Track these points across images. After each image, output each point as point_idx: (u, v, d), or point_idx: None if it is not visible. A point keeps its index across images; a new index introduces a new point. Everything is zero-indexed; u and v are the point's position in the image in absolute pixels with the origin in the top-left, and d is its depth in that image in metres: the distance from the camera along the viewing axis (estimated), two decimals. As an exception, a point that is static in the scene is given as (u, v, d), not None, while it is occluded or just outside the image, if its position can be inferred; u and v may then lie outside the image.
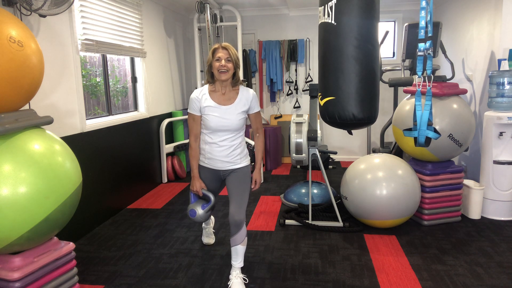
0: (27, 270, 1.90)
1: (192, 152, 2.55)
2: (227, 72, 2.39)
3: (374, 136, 5.73)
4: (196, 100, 2.46)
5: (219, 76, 2.39)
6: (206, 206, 2.57)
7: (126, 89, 4.46)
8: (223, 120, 2.45)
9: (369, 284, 2.50)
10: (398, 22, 5.70)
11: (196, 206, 2.58)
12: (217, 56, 2.39)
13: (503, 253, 2.87)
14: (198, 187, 2.56)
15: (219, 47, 2.42)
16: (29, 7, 2.51)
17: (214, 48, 2.42)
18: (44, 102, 2.91)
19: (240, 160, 2.57)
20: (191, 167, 2.57)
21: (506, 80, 3.41)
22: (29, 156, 1.81)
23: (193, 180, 2.57)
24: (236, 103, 2.48)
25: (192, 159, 2.56)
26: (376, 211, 3.15)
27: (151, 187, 4.66)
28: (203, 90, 2.49)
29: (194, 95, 2.48)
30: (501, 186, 3.49)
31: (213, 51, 2.42)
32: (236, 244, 2.46)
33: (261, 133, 2.67)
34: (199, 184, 2.56)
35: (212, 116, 2.44)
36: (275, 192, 4.47)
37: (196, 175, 2.56)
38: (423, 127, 2.74)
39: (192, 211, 2.57)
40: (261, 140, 2.66)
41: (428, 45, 2.66)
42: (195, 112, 2.48)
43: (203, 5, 4.85)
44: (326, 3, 2.80)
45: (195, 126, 2.51)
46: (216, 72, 2.40)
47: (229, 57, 2.39)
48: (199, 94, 2.47)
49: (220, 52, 2.40)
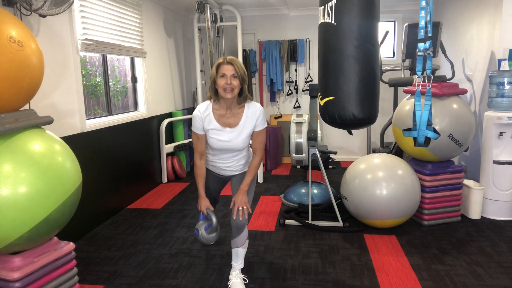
0: (27, 270, 1.90)
1: (198, 170, 2.43)
2: (232, 90, 2.19)
3: (374, 136, 5.73)
4: (200, 119, 2.30)
5: (224, 95, 2.19)
6: (208, 228, 2.51)
7: (126, 89, 4.46)
8: (227, 143, 2.35)
9: (369, 284, 2.50)
10: (398, 22, 5.70)
11: (201, 226, 2.51)
12: (222, 72, 2.18)
13: (503, 253, 2.87)
14: (203, 207, 2.46)
15: (223, 61, 2.20)
16: (29, 7, 2.51)
17: (218, 63, 2.21)
18: (44, 102, 2.91)
19: (245, 166, 2.56)
20: (197, 185, 2.46)
21: (506, 80, 3.41)
22: (29, 156, 1.81)
23: (199, 199, 2.48)
24: (241, 125, 2.32)
25: (198, 177, 2.44)
26: (376, 211, 3.15)
27: (151, 187, 4.66)
28: (206, 110, 2.30)
29: (197, 114, 2.30)
30: (501, 186, 3.49)
31: (217, 66, 2.21)
32: (237, 247, 2.45)
33: (259, 154, 2.43)
34: (204, 203, 2.46)
35: (215, 140, 2.33)
36: (275, 192, 4.47)
37: (202, 194, 2.45)
38: (423, 127, 2.74)
39: (196, 231, 2.52)
40: (257, 161, 2.43)
41: (428, 45, 2.66)
42: (199, 132, 2.33)
43: (203, 5, 4.85)
44: (326, 3, 2.80)
45: (200, 145, 2.36)
46: (221, 91, 2.20)
47: (235, 73, 2.18)
48: (202, 114, 2.30)
49: (225, 67, 2.18)
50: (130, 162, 4.15)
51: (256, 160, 2.43)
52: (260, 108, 2.36)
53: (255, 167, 2.44)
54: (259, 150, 2.42)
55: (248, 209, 2.37)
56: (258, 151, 2.43)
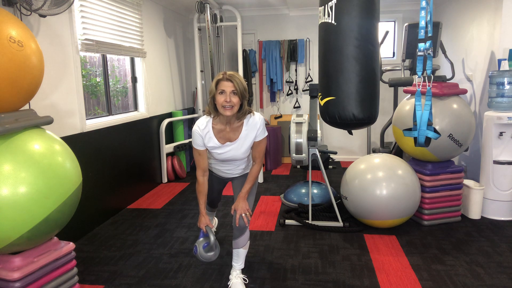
0: (27, 270, 1.90)
1: (200, 187, 2.36)
2: (232, 108, 2.15)
3: (374, 136, 5.73)
4: (199, 136, 2.26)
5: (224, 112, 2.15)
6: (206, 247, 2.40)
7: (126, 89, 4.45)
8: (228, 155, 2.34)
9: (369, 284, 2.50)
10: (398, 22, 5.70)
11: (200, 244, 2.40)
12: (221, 88, 2.14)
13: (503, 253, 2.87)
14: (203, 224, 2.37)
15: (223, 77, 2.15)
16: (29, 7, 2.51)
17: (218, 79, 2.16)
18: (44, 102, 2.91)
19: (245, 169, 2.56)
20: (198, 201, 2.39)
21: (506, 80, 3.41)
22: (29, 156, 1.81)
23: (199, 216, 2.38)
24: (241, 138, 2.30)
25: (200, 194, 2.37)
26: (376, 211, 3.15)
27: (151, 187, 4.66)
28: (206, 127, 2.26)
29: (197, 130, 2.26)
30: (501, 186, 3.49)
31: (217, 82, 2.16)
32: (238, 247, 2.45)
33: (259, 163, 2.41)
34: (204, 221, 2.37)
35: (216, 153, 2.33)
36: (275, 192, 4.47)
37: (203, 211, 2.37)
38: (423, 127, 2.74)
39: (195, 248, 2.40)
40: (257, 169, 2.42)
41: (428, 45, 2.66)
42: (200, 148, 2.29)
43: (203, 5, 4.85)
44: (326, 3, 2.80)
45: (202, 161, 2.31)
46: (220, 108, 2.16)
47: (235, 89, 2.13)
48: (202, 132, 2.26)
49: (225, 84, 2.13)
50: (130, 162, 4.15)
51: (256, 168, 2.43)
52: (260, 119, 2.33)
53: (255, 175, 2.43)
54: (258, 158, 2.41)
55: (250, 213, 2.37)
56: (258, 159, 2.41)
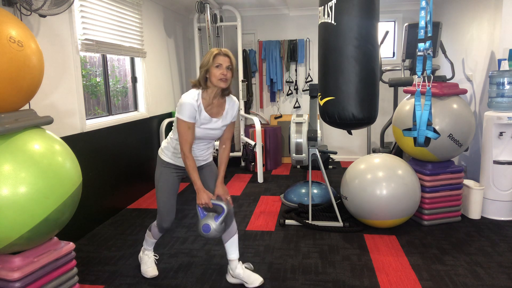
0: (27, 270, 1.90)
1: (191, 162, 2.28)
2: (226, 81, 2.23)
3: (374, 136, 5.73)
4: (193, 107, 2.22)
5: (218, 84, 2.22)
6: (220, 217, 2.27)
7: (126, 89, 4.46)
8: (210, 132, 2.35)
9: (369, 284, 2.50)
10: (398, 22, 5.70)
11: (208, 220, 2.28)
12: (218, 62, 2.22)
13: (503, 253, 2.87)
14: (207, 199, 2.29)
15: (220, 52, 2.24)
16: (29, 7, 2.51)
17: (215, 54, 2.23)
18: (44, 102, 2.91)
19: (210, 156, 2.55)
20: (193, 179, 2.29)
21: (506, 80, 3.41)
22: (29, 156, 1.81)
23: (199, 193, 2.30)
24: (224, 116, 2.36)
25: (192, 170, 2.29)
26: (376, 211, 3.15)
27: (151, 187, 4.66)
28: (198, 99, 2.25)
29: (191, 101, 2.22)
30: (501, 186, 3.49)
31: (214, 56, 2.23)
32: (233, 235, 2.49)
33: (229, 145, 2.49)
34: (206, 196, 2.30)
35: (201, 129, 2.31)
36: (275, 192, 4.47)
37: (201, 187, 2.30)
38: (423, 127, 2.74)
39: (206, 226, 2.26)
40: (228, 151, 2.50)
41: (428, 45, 2.66)
42: (191, 120, 2.24)
43: (203, 5, 4.85)
44: (326, 3, 2.80)
45: (191, 135, 2.26)
46: (215, 80, 2.22)
47: (230, 65, 2.25)
48: (196, 102, 2.24)
49: (222, 58, 2.23)
50: (130, 162, 4.15)
51: (228, 151, 2.51)
52: (237, 102, 2.45)
53: (227, 157, 2.51)
54: (228, 140, 2.49)
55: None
56: (227, 141, 2.49)
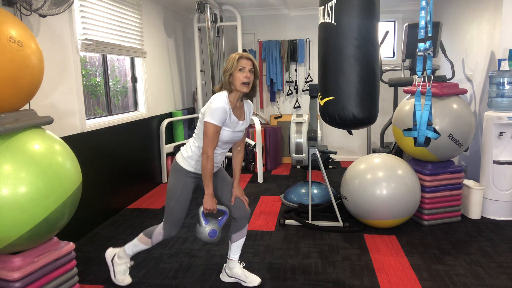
0: (27, 270, 1.90)
1: (212, 166, 2.23)
2: (249, 85, 2.22)
3: (374, 136, 5.73)
4: (225, 112, 2.19)
5: (241, 88, 2.20)
6: (222, 221, 2.34)
7: (126, 89, 4.46)
8: (236, 135, 2.33)
9: (369, 284, 2.50)
10: (398, 22, 5.70)
11: (213, 226, 2.31)
12: (241, 65, 2.20)
13: (503, 253, 2.87)
14: (214, 205, 2.28)
15: (243, 56, 2.22)
16: (29, 7, 2.51)
17: (238, 57, 2.22)
18: (44, 102, 2.91)
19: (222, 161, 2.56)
20: (207, 184, 2.25)
21: (506, 80, 3.41)
22: (29, 156, 1.81)
23: (208, 198, 2.26)
24: (247, 118, 2.38)
25: (211, 175, 2.25)
26: (376, 211, 3.15)
27: (151, 187, 4.66)
28: (228, 103, 2.23)
29: (224, 106, 2.18)
30: (501, 186, 3.49)
31: (238, 59, 2.21)
32: (243, 237, 2.49)
33: (243, 146, 2.52)
34: (214, 202, 2.28)
35: (229, 132, 2.28)
36: (275, 192, 4.47)
37: (211, 193, 2.27)
38: (423, 127, 2.74)
39: (213, 232, 2.29)
40: (243, 154, 2.54)
41: (428, 45, 2.66)
42: (222, 124, 2.21)
43: (203, 5, 4.85)
44: (326, 3, 2.80)
45: (217, 139, 2.23)
46: (237, 83, 2.20)
47: (253, 68, 2.23)
48: (227, 106, 2.21)
49: (245, 61, 2.21)
50: (130, 162, 4.15)
51: (242, 152, 2.54)
52: (252, 103, 2.47)
53: (242, 158, 2.55)
54: (243, 142, 2.51)
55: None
56: (242, 143, 2.51)
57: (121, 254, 2.54)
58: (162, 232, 2.42)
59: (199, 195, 2.40)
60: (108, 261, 2.57)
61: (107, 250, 2.62)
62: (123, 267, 2.55)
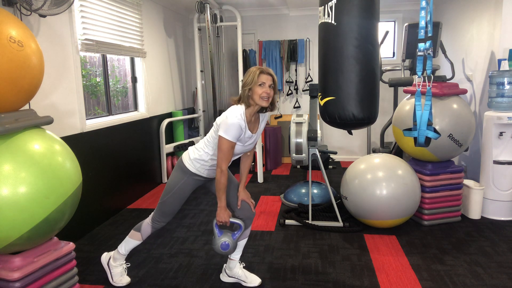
0: (27, 270, 1.90)
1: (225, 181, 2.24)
2: (268, 99, 2.20)
3: (374, 136, 5.73)
4: (241, 128, 2.18)
5: (260, 102, 2.18)
6: (237, 234, 2.32)
7: (126, 89, 4.46)
8: (247, 147, 2.34)
9: (369, 284, 2.50)
10: (398, 22, 5.70)
11: (226, 238, 2.30)
12: (261, 80, 2.17)
13: (503, 253, 2.87)
14: (227, 218, 2.28)
15: (263, 70, 2.20)
16: (29, 7, 2.51)
17: (260, 72, 2.19)
18: (44, 102, 2.91)
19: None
20: (220, 197, 2.26)
21: (506, 80, 3.41)
22: (29, 156, 1.81)
23: (221, 211, 2.27)
24: (260, 129, 2.37)
25: (224, 189, 2.25)
26: (376, 211, 3.15)
27: (151, 187, 4.66)
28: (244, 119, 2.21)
29: (240, 122, 2.17)
30: (501, 186, 3.49)
31: (258, 74, 2.18)
32: (246, 237, 2.50)
33: (252, 151, 2.50)
34: (227, 215, 2.28)
35: (241, 146, 2.28)
36: (275, 192, 4.47)
37: (224, 205, 2.27)
38: (423, 127, 2.74)
39: (225, 245, 2.29)
40: (251, 159, 2.53)
41: (428, 45, 2.65)
42: (236, 141, 2.21)
43: (203, 5, 4.85)
44: (326, 3, 2.80)
45: (232, 153, 2.23)
46: (257, 98, 2.17)
47: (273, 84, 2.21)
48: (243, 122, 2.20)
49: (265, 77, 2.18)
50: (130, 162, 4.15)
51: (251, 157, 2.54)
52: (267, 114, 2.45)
53: (250, 163, 2.55)
54: (253, 150, 2.51)
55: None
56: (252, 151, 2.52)
57: (116, 256, 2.55)
58: (150, 223, 2.46)
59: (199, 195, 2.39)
60: (104, 264, 2.59)
61: (102, 255, 2.64)
62: (119, 269, 2.56)
